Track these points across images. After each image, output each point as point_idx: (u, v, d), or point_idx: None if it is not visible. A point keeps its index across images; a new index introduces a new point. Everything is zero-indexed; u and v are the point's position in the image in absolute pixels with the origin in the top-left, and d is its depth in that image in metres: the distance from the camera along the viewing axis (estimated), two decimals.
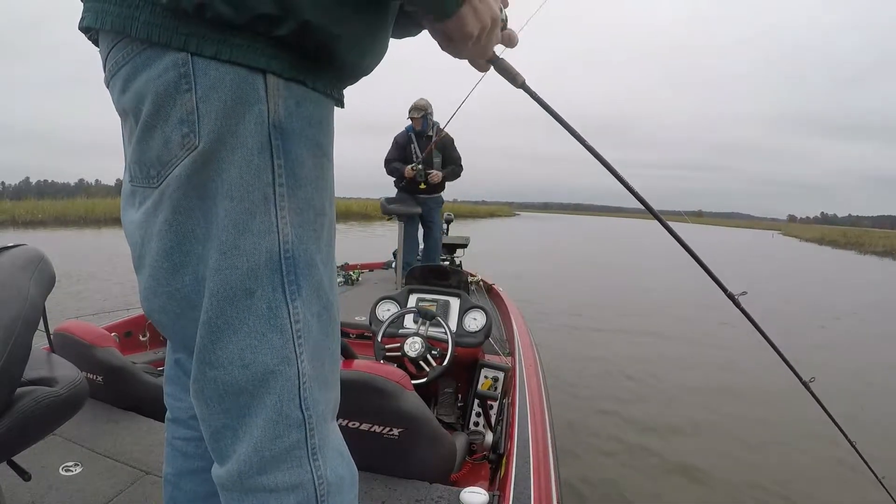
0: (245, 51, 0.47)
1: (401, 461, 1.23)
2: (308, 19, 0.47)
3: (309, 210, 0.53)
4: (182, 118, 0.48)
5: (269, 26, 0.47)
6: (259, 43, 0.47)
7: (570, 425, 2.75)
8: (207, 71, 0.47)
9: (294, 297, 0.52)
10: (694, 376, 3.80)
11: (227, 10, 0.45)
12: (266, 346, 0.51)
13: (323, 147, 0.54)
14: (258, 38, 0.47)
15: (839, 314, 6.82)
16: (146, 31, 0.47)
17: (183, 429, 0.71)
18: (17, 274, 0.84)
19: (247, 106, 0.48)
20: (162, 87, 0.48)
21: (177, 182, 0.49)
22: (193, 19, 0.46)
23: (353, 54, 0.53)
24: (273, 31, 0.47)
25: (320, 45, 0.50)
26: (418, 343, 1.78)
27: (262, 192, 0.49)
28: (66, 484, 1.16)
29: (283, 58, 0.49)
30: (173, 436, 0.72)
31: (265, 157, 0.49)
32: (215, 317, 0.51)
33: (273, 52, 0.48)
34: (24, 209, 16.52)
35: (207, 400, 0.54)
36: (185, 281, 0.52)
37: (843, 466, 2.38)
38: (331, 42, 0.50)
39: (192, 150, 0.48)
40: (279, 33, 0.47)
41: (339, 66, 0.53)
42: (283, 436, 0.52)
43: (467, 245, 4.58)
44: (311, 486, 0.54)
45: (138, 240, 0.56)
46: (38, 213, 16.30)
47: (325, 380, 0.57)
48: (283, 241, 0.51)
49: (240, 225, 0.49)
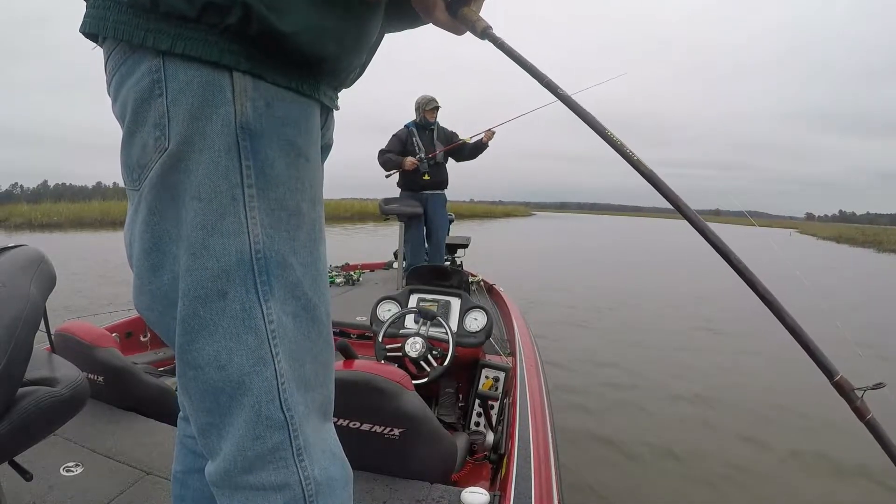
0: (199, 44, 0.48)
1: (401, 461, 1.23)
2: (249, 3, 0.47)
3: (281, 211, 0.53)
4: (155, 122, 0.49)
5: (219, 16, 0.47)
6: (213, 35, 0.48)
7: (572, 426, 2.75)
8: (177, 75, 0.48)
9: (267, 297, 0.52)
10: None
11: (178, 2, 0.47)
12: (241, 347, 0.51)
13: (299, 147, 0.54)
14: (212, 30, 0.48)
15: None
16: (114, 29, 0.49)
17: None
18: (18, 274, 0.84)
19: (213, 108, 0.49)
20: (138, 94, 0.50)
21: (150, 183, 0.51)
22: (151, 14, 0.48)
23: (309, 42, 0.51)
24: (223, 22, 0.47)
25: (268, 33, 0.49)
26: (419, 343, 1.78)
27: (231, 193, 0.50)
28: (67, 484, 1.16)
29: (237, 50, 0.49)
30: (184, 434, 0.73)
31: (232, 158, 0.49)
32: (189, 317, 0.51)
33: (226, 44, 0.48)
34: (41, 212, 16.88)
35: (192, 397, 0.55)
36: (164, 280, 0.54)
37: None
38: (278, 29, 0.49)
39: (162, 152, 0.50)
40: (229, 22, 0.47)
41: (298, 56, 0.52)
42: (264, 436, 0.53)
43: (468, 245, 4.57)
44: (298, 486, 0.54)
45: (128, 240, 0.58)
46: (54, 215, 16.58)
47: (307, 380, 0.56)
48: (254, 242, 0.51)
49: (208, 226, 0.50)
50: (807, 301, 5.47)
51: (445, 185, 4.03)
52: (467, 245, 4.56)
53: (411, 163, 3.80)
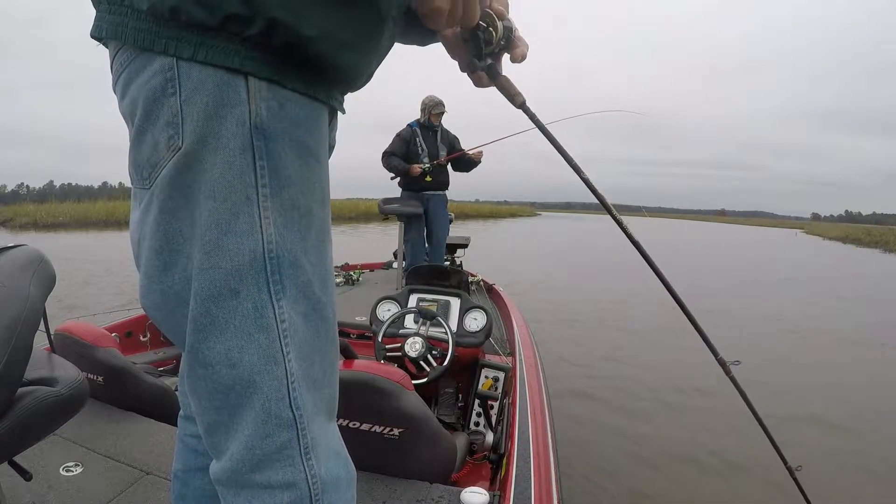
0: (221, 52, 0.48)
1: (401, 461, 1.23)
2: (274, 16, 0.47)
3: (293, 211, 0.53)
4: (168, 121, 0.49)
5: (241, 26, 0.47)
6: (234, 44, 0.48)
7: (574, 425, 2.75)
8: (191, 74, 0.48)
9: (279, 296, 0.52)
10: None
11: (200, 11, 0.47)
12: (252, 346, 0.52)
13: (310, 148, 0.54)
14: (233, 38, 0.48)
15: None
16: (133, 36, 0.49)
17: (194, 426, 0.71)
18: (18, 274, 0.85)
19: (228, 108, 0.49)
20: (150, 92, 0.50)
21: (163, 183, 0.51)
22: (171, 23, 0.48)
23: (329, 52, 0.52)
24: (245, 31, 0.48)
25: (292, 44, 0.49)
26: (419, 343, 1.78)
27: (245, 192, 0.50)
28: (67, 484, 1.16)
29: (258, 58, 0.49)
30: (184, 432, 0.73)
31: (247, 158, 0.50)
32: (201, 316, 0.51)
33: (248, 52, 0.48)
34: (46, 212, 16.95)
35: (200, 396, 0.55)
36: (175, 279, 0.53)
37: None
38: (301, 39, 0.49)
39: (176, 151, 0.49)
40: (250, 33, 0.48)
41: (318, 65, 0.53)
42: (272, 435, 0.53)
43: (468, 245, 4.58)
44: (304, 484, 0.54)
45: (136, 239, 0.57)
46: (59, 215, 16.63)
47: (316, 380, 0.57)
48: (267, 242, 0.51)
49: (222, 225, 0.50)
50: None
51: (446, 187, 4.04)
52: (467, 245, 4.57)
53: (415, 171, 3.81)
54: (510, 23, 0.65)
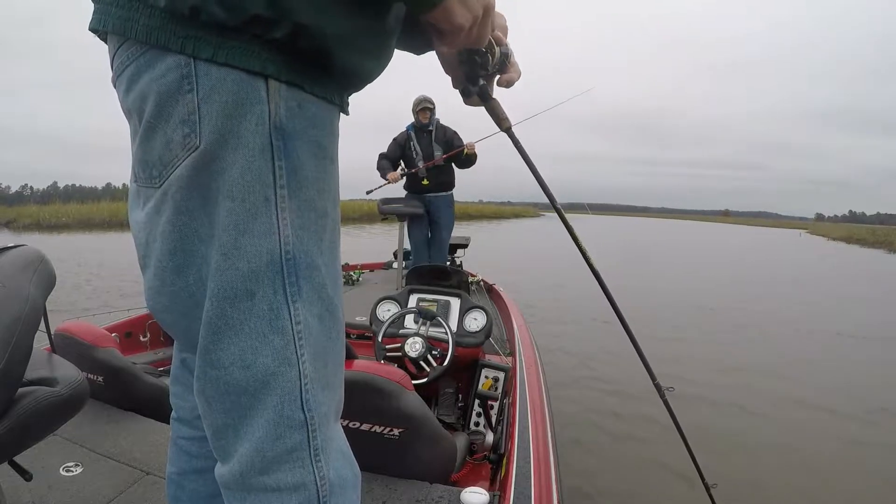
0: (242, 53, 0.47)
1: (401, 461, 1.23)
2: (302, 21, 0.47)
3: (310, 212, 0.53)
4: (183, 118, 0.48)
5: (265, 29, 0.47)
6: (255, 45, 0.47)
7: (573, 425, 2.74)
8: (209, 72, 0.47)
9: (295, 298, 0.52)
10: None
11: (221, 12, 0.45)
12: (267, 348, 0.51)
13: (325, 149, 0.54)
14: (255, 40, 0.47)
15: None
16: (145, 33, 0.48)
17: (187, 428, 0.71)
18: (18, 274, 0.84)
19: (248, 107, 0.48)
20: (164, 88, 0.48)
21: (179, 182, 0.50)
22: (190, 22, 0.46)
23: (352, 58, 0.53)
24: (269, 34, 0.47)
25: (317, 49, 0.49)
26: (419, 343, 1.78)
27: (263, 193, 0.49)
28: (67, 484, 1.16)
29: (280, 61, 0.48)
30: (178, 435, 0.72)
31: (266, 158, 0.49)
32: (216, 317, 0.51)
33: (270, 55, 0.48)
34: (49, 213, 17.05)
35: (209, 398, 0.54)
36: (189, 280, 0.53)
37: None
38: (327, 45, 0.49)
39: (193, 150, 0.48)
40: (275, 36, 0.47)
41: (339, 70, 0.53)
42: (284, 437, 0.52)
43: (468, 245, 4.58)
44: (313, 486, 0.54)
45: (143, 239, 0.56)
46: (62, 216, 16.69)
47: (328, 381, 0.56)
48: (284, 243, 0.51)
49: (241, 226, 0.49)
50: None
51: (449, 188, 3.95)
52: (467, 245, 4.57)
53: (394, 177, 3.76)
54: (507, 48, 0.66)
